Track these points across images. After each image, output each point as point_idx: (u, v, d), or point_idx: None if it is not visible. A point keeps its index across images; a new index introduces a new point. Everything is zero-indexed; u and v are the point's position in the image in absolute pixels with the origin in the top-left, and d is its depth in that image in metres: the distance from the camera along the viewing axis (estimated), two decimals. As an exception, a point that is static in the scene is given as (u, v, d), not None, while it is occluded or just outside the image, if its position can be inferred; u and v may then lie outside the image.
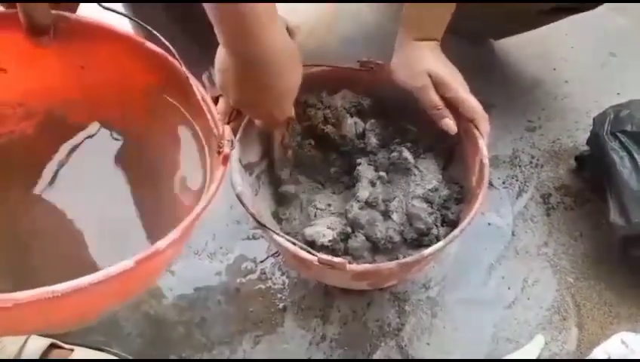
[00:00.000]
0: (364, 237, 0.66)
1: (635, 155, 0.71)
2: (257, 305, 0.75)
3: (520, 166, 0.89)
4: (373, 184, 0.70)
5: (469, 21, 0.74)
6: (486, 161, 0.64)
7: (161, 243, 0.39)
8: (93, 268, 0.42)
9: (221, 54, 0.57)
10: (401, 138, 0.74)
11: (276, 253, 0.79)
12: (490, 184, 0.86)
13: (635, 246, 0.72)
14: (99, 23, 0.51)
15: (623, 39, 1.06)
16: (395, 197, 0.69)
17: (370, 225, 0.66)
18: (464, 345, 0.71)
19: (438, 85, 0.67)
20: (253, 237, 0.81)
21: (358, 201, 0.67)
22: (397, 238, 0.66)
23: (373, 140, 0.73)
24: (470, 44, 0.69)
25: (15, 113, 0.53)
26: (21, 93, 0.52)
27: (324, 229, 0.66)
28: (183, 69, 0.49)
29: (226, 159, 0.47)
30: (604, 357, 0.66)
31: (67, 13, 0.49)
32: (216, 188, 0.44)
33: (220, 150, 0.47)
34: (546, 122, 0.94)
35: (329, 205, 0.71)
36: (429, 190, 0.69)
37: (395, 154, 0.71)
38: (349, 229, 0.67)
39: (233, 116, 0.91)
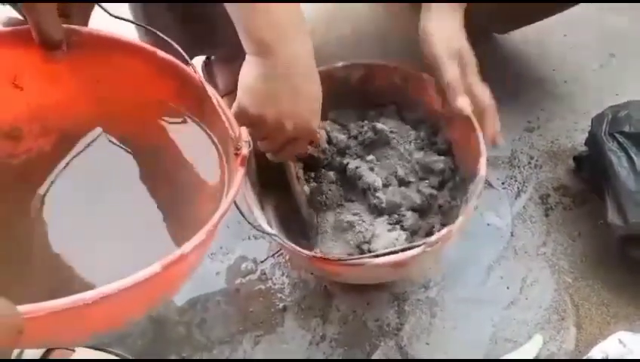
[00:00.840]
0: (411, 211, 0.69)
1: (633, 156, 0.72)
2: (257, 305, 0.75)
3: (519, 166, 0.89)
4: (372, 169, 0.71)
5: (474, 15, 0.74)
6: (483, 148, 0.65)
7: (187, 247, 0.38)
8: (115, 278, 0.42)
9: (252, 72, 0.55)
10: (367, 119, 0.77)
11: (277, 253, 0.79)
12: (489, 184, 0.86)
13: (633, 246, 0.72)
14: (111, 36, 0.50)
15: (622, 40, 1.06)
16: (396, 165, 0.71)
17: (405, 198, 0.69)
18: (463, 345, 0.72)
19: (463, 65, 0.66)
20: (254, 238, 0.81)
21: (377, 190, 0.69)
22: (433, 191, 0.70)
23: (340, 137, 0.73)
24: (471, 44, 0.69)
25: (31, 130, 0.52)
26: (37, 110, 0.51)
27: (388, 234, 0.67)
28: (198, 75, 0.49)
29: (243, 161, 0.47)
30: (602, 356, 0.66)
31: (79, 27, 0.49)
32: (236, 191, 0.44)
33: (238, 152, 0.47)
34: (545, 123, 0.94)
35: (357, 213, 0.72)
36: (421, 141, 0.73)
37: (369, 134, 0.72)
38: (395, 216, 0.69)
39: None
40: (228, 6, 0.52)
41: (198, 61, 0.96)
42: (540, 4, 0.85)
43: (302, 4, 0.55)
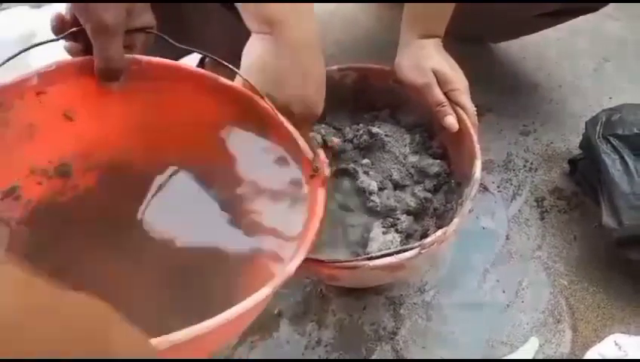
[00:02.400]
0: (406, 215, 0.69)
1: (627, 158, 0.72)
2: (253, 309, 0.75)
3: (514, 170, 0.89)
4: (367, 173, 0.71)
5: (469, 24, 0.75)
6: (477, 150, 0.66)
7: (291, 267, 0.40)
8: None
9: (256, 50, 0.54)
10: (362, 122, 0.77)
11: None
12: (485, 188, 0.86)
13: (628, 249, 0.72)
14: (169, 63, 0.50)
15: (616, 44, 1.07)
16: (391, 169, 0.72)
17: (399, 202, 0.69)
18: (459, 349, 0.72)
19: (442, 83, 0.69)
20: (249, 242, 0.81)
21: (372, 193, 0.69)
22: (428, 195, 0.70)
23: (335, 140, 0.74)
24: (466, 49, 0.70)
25: (81, 166, 0.49)
26: (86, 144, 0.49)
27: (383, 237, 0.67)
28: (265, 100, 0.49)
29: (325, 182, 0.47)
30: (598, 358, 0.67)
31: (138, 56, 0.48)
32: (323, 211, 0.45)
33: (315, 173, 0.47)
34: (540, 126, 0.95)
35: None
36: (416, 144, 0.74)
37: (364, 137, 0.72)
38: (390, 220, 0.69)
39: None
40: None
41: (193, 61, 0.96)
42: (534, 17, 0.85)
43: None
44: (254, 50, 0.54)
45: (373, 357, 0.71)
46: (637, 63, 1.04)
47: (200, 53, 0.54)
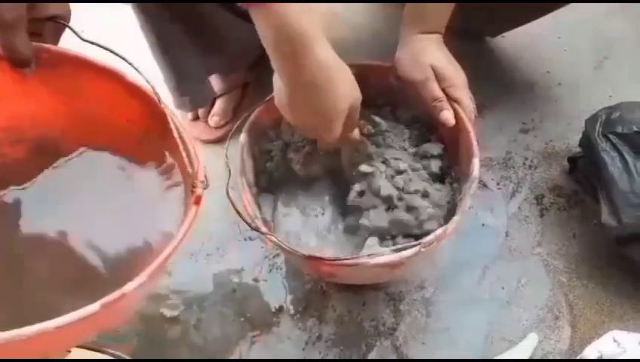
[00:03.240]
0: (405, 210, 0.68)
1: (626, 156, 0.72)
2: (253, 305, 0.75)
3: (514, 167, 0.90)
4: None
5: (465, 18, 0.75)
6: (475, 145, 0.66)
7: (128, 287, 0.39)
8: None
9: (276, 76, 0.58)
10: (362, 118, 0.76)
11: (273, 253, 0.80)
12: (484, 185, 0.87)
13: (627, 246, 0.72)
14: (79, 55, 0.51)
15: (615, 42, 1.07)
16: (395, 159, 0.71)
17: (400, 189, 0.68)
18: (459, 345, 0.72)
19: (440, 78, 0.69)
20: (250, 239, 0.81)
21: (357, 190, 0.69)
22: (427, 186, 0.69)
23: None
24: (466, 47, 0.70)
25: (6, 138, 0.53)
26: (10, 119, 0.53)
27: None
28: (163, 104, 0.49)
29: (198, 200, 0.45)
30: (597, 355, 0.67)
31: (48, 45, 0.50)
32: (184, 233, 0.43)
33: (194, 190, 0.46)
34: (540, 124, 0.95)
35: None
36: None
37: (367, 127, 0.72)
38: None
39: (228, 120, 0.93)
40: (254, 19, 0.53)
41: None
42: (528, 4, 0.86)
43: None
44: (276, 79, 0.59)
45: (373, 352, 0.72)
46: (637, 61, 1.04)
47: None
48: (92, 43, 0.50)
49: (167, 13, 0.76)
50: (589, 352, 0.68)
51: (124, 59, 0.50)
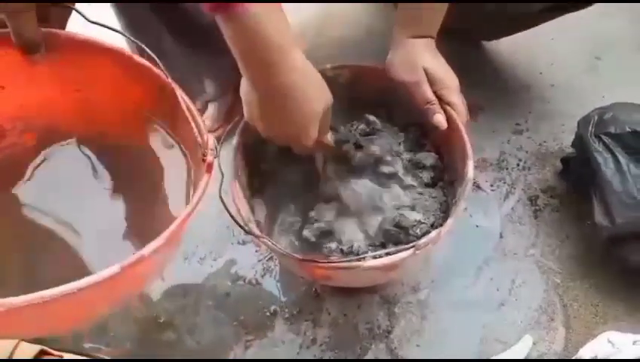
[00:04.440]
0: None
1: (619, 157, 0.72)
2: (247, 309, 0.75)
3: (507, 168, 0.90)
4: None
5: (460, 22, 0.75)
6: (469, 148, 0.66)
7: (146, 250, 0.40)
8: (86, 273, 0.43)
9: (245, 85, 0.58)
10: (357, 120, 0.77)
11: (267, 256, 0.79)
12: (478, 186, 0.87)
13: (620, 246, 0.72)
14: (88, 39, 0.52)
15: (607, 44, 1.08)
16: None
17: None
18: (453, 347, 0.72)
19: (432, 81, 0.69)
20: (243, 242, 0.81)
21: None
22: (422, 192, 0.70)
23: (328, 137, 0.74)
24: (459, 48, 0.70)
25: (15, 127, 0.55)
26: (18, 108, 0.54)
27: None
28: (169, 80, 0.50)
29: (210, 167, 0.48)
30: (591, 356, 0.67)
31: (57, 30, 0.50)
32: (199, 197, 0.45)
33: (204, 158, 0.48)
34: (533, 125, 0.95)
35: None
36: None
37: (361, 126, 0.73)
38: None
39: (221, 123, 0.93)
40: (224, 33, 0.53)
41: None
42: (525, 13, 0.86)
43: (289, 5, 0.55)
44: (244, 88, 0.59)
45: (368, 355, 0.71)
46: (629, 62, 1.05)
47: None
48: (99, 24, 0.51)
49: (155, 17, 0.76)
50: (584, 353, 0.68)
51: (129, 38, 0.52)
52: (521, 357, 0.70)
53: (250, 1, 0.49)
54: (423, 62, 0.69)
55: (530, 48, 1.06)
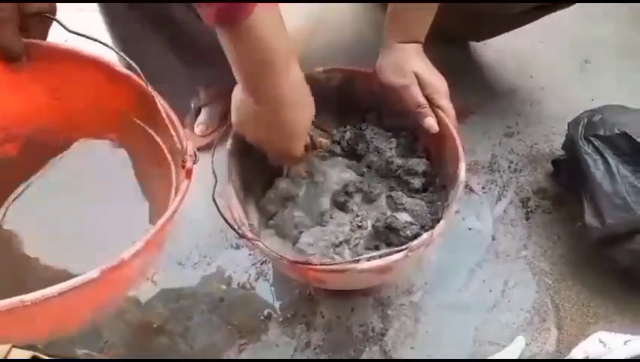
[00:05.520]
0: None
1: (609, 158, 0.73)
2: (241, 313, 0.75)
3: (499, 171, 0.90)
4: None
5: (450, 24, 0.76)
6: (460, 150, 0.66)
7: (126, 254, 0.40)
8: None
9: (238, 93, 0.59)
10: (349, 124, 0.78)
11: (260, 260, 0.79)
12: (470, 189, 0.87)
13: (611, 247, 0.73)
14: (68, 48, 0.52)
15: (596, 47, 1.09)
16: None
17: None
18: (447, 348, 0.72)
19: (423, 85, 0.70)
20: (237, 246, 0.81)
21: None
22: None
23: (324, 141, 0.75)
24: (449, 51, 0.71)
25: None
26: (2, 118, 0.54)
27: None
28: (149, 88, 0.51)
29: (189, 173, 0.48)
30: (583, 356, 0.67)
31: (38, 41, 0.51)
32: (179, 202, 0.46)
33: (184, 164, 0.49)
34: (524, 128, 0.96)
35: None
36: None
37: (351, 136, 0.75)
38: None
39: (214, 128, 0.93)
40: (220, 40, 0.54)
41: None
42: (507, 14, 0.87)
43: (285, 9, 0.56)
44: (236, 95, 0.60)
45: (362, 358, 0.71)
46: (618, 65, 1.06)
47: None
48: (79, 34, 0.51)
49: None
50: (576, 353, 0.68)
51: (110, 47, 0.52)
52: (514, 358, 0.71)
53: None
54: (413, 67, 0.70)
55: (520, 52, 1.07)
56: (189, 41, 0.79)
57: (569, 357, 0.69)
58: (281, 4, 0.55)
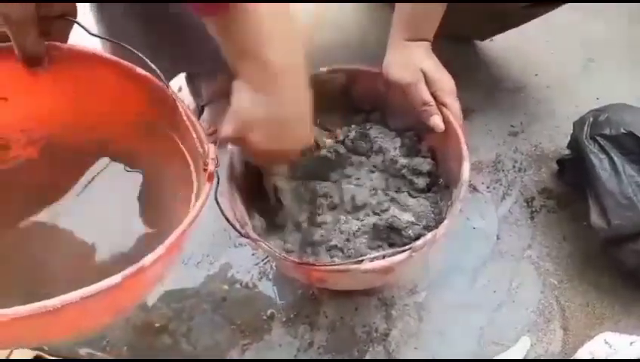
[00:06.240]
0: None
1: (614, 158, 0.73)
2: (244, 313, 0.75)
3: (503, 170, 0.90)
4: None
5: (453, 22, 0.75)
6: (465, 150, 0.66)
7: (147, 260, 0.40)
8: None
9: (246, 97, 0.57)
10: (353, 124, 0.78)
11: (263, 260, 0.79)
12: (475, 188, 0.87)
13: (616, 247, 0.73)
14: (89, 51, 0.52)
15: (600, 45, 1.08)
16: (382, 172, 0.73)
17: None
18: (451, 349, 0.72)
19: (429, 83, 0.69)
20: (240, 245, 0.81)
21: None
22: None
23: (328, 141, 0.75)
24: (454, 50, 0.70)
25: (19, 139, 0.55)
26: (22, 120, 0.54)
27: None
28: (171, 91, 0.51)
29: (211, 177, 0.48)
30: (589, 357, 0.67)
31: (59, 43, 0.51)
32: (201, 206, 0.45)
33: (206, 168, 0.48)
34: (529, 127, 0.96)
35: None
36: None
37: (356, 137, 0.74)
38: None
39: (216, 127, 0.92)
40: (210, 30, 0.54)
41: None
42: (519, 9, 0.86)
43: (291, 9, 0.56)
44: (242, 101, 0.58)
45: (366, 358, 0.71)
46: (624, 63, 1.05)
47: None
48: (101, 37, 0.53)
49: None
50: (581, 354, 0.68)
51: (132, 50, 0.51)
52: (519, 358, 0.70)
53: (232, 1, 0.49)
54: (420, 64, 0.69)
55: (524, 50, 1.06)
56: (190, 38, 0.79)
57: (574, 357, 0.68)
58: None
